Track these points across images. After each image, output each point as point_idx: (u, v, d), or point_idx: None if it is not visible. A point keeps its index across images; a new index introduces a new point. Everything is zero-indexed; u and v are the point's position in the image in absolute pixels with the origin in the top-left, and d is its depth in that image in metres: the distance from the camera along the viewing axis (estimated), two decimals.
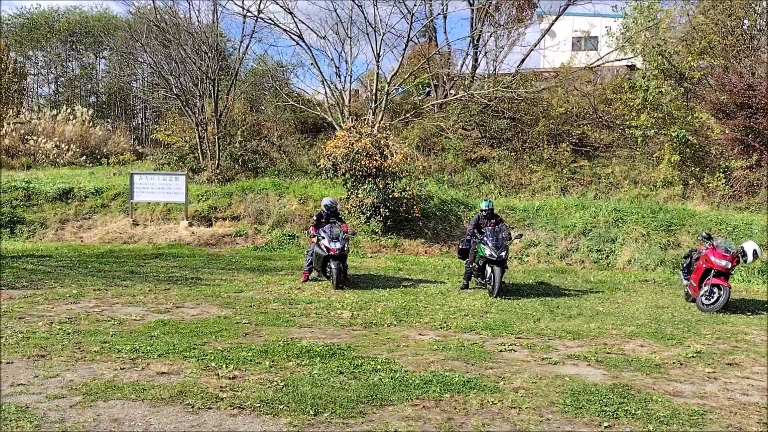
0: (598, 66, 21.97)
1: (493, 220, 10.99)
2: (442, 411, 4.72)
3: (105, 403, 4.64)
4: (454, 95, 22.36)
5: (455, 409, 4.78)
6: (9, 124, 22.70)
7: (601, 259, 14.99)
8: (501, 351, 6.69)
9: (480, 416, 4.64)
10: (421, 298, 9.85)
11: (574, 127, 20.55)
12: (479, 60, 24.05)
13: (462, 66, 25.04)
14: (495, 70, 23.40)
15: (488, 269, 10.40)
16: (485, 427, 4.41)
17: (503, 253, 10.36)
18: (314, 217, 11.53)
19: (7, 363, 5.59)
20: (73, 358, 5.82)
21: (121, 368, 5.53)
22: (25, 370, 5.41)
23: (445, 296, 10.19)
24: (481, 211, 11.16)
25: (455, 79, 23.95)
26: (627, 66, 23.11)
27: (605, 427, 4.53)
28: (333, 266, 10.58)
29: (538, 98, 21.33)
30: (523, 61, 23.84)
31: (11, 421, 4.20)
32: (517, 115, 21.45)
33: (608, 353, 6.74)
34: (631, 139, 19.51)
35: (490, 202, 11.36)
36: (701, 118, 17.57)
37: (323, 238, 10.73)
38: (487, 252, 10.32)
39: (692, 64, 18.35)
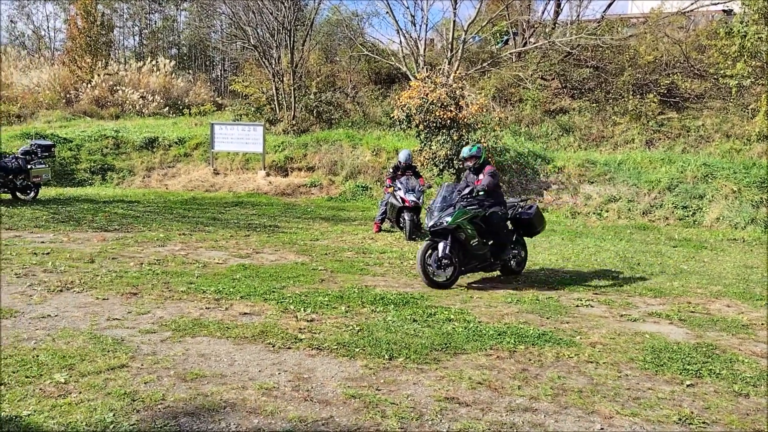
0: (692, 11, 20.48)
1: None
2: (516, 362, 4.71)
3: (192, 339, 4.91)
4: (534, 43, 21.50)
5: (530, 360, 4.76)
6: (99, 75, 23.72)
7: (687, 216, 14.31)
8: (577, 306, 6.57)
9: (555, 369, 4.60)
10: None
11: (663, 77, 19.39)
12: (562, 5, 22.93)
13: (543, 12, 23.97)
14: (579, 16, 22.26)
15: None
16: (561, 380, 4.37)
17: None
18: (390, 169, 11.66)
19: (103, 299, 5.98)
20: (162, 296, 6.16)
21: (206, 308, 5.82)
22: (119, 306, 5.78)
23: None
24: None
25: (536, 26, 22.99)
26: (723, 10, 21.43)
27: (687, 385, 4.39)
28: (407, 217, 10.66)
29: (625, 46, 20.18)
30: (609, 6, 22.50)
31: (109, 351, 4.52)
32: (600, 63, 20.46)
33: (692, 312, 6.49)
34: (724, 89, 18.22)
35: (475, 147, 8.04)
36: None
37: (399, 189, 10.85)
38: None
39: None
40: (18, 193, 13.05)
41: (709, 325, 5.98)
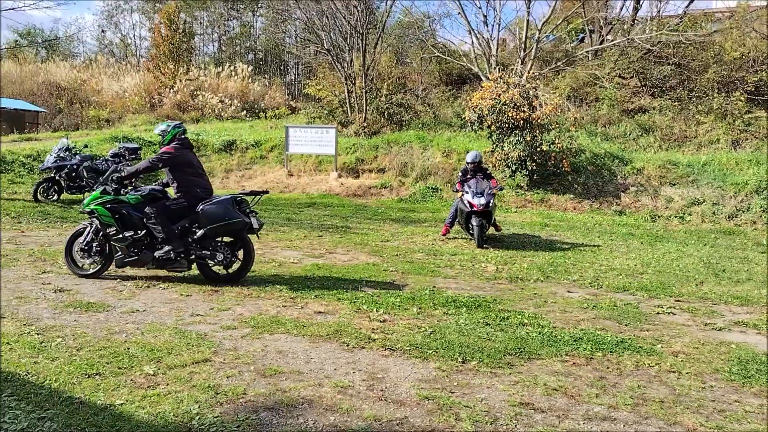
0: None
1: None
2: (593, 369, 4.60)
3: (270, 336, 5.07)
4: (612, 41, 20.85)
5: (608, 368, 4.64)
6: (181, 80, 24.80)
7: None
8: (658, 313, 6.34)
9: (635, 377, 4.46)
10: (570, 255, 9.54)
11: (750, 74, 18.39)
12: (641, 1, 22.16)
13: (621, 9, 23.25)
14: (659, 11, 21.45)
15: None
16: (641, 389, 4.24)
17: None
18: (459, 173, 11.15)
19: (187, 296, 6.27)
20: (241, 294, 6.39)
21: (283, 306, 5.99)
22: (202, 302, 6.04)
23: (595, 254, 9.79)
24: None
25: (613, 23, 22.31)
26: None
27: None
28: (475, 223, 10.04)
29: (709, 42, 19.27)
30: (692, 1, 21.56)
31: (193, 345, 4.74)
32: (683, 60, 19.63)
33: None
34: None
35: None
36: None
37: (467, 192, 10.25)
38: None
39: None
40: None
41: None
